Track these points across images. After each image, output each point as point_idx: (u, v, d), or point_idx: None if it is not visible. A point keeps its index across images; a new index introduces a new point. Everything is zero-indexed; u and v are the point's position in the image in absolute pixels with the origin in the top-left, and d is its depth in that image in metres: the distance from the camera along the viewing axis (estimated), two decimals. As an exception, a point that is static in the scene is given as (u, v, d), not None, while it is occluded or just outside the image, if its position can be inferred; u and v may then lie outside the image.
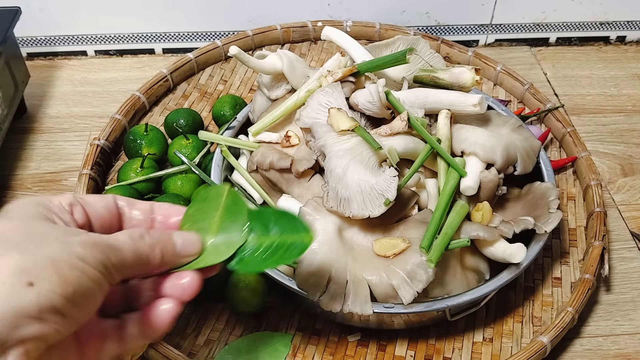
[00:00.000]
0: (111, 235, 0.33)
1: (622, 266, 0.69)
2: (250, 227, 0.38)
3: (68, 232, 0.32)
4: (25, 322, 0.27)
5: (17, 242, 0.29)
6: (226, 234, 0.38)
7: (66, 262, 0.29)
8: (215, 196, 0.39)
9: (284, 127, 0.66)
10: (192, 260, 0.37)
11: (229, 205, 0.39)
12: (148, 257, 0.34)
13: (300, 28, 0.92)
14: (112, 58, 0.95)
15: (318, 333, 0.61)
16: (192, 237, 0.37)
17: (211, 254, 0.37)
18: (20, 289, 0.27)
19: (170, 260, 0.36)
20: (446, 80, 0.63)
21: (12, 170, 0.77)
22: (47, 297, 0.28)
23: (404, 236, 0.56)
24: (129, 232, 0.34)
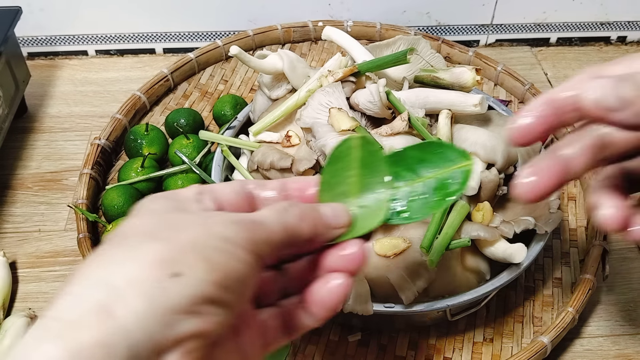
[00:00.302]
0: (253, 212, 0.30)
1: (623, 266, 0.69)
2: (394, 176, 0.34)
3: (205, 215, 0.29)
4: (178, 318, 0.24)
5: (153, 233, 0.26)
6: (371, 193, 0.34)
7: (210, 245, 0.26)
8: (346, 153, 0.34)
9: (285, 127, 0.66)
10: (344, 231, 0.33)
11: (363, 159, 0.34)
12: (296, 230, 0.30)
13: (300, 28, 0.92)
14: (112, 58, 0.95)
15: (318, 333, 0.61)
16: (339, 207, 0.33)
17: (363, 219, 0.33)
18: (165, 282, 0.24)
19: (321, 233, 0.32)
20: (447, 80, 0.64)
21: (13, 169, 0.77)
22: (197, 286, 0.25)
23: (405, 236, 0.56)
24: (272, 206, 0.31)
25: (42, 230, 0.70)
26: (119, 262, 0.25)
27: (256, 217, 0.29)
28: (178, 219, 0.28)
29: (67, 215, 0.71)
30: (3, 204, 0.73)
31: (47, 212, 0.72)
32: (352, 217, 0.33)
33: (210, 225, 0.27)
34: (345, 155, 0.34)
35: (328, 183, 0.34)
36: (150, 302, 0.24)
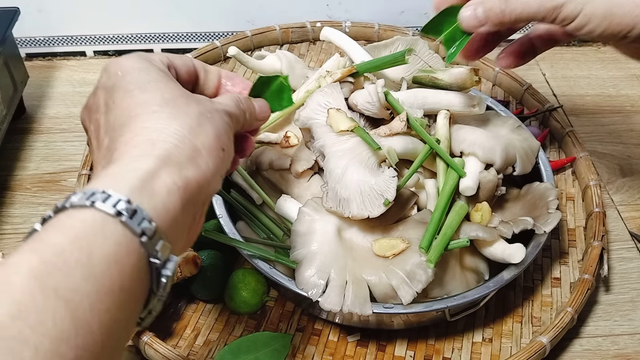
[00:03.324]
0: (220, 100, 0.41)
1: (621, 266, 0.69)
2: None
3: (197, 97, 0.39)
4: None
5: (176, 107, 0.37)
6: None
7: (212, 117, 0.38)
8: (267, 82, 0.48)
9: (283, 127, 0.66)
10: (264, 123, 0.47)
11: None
12: (242, 119, 0.42)
13: (299, 29, 0.92)
14: (111, 58, 0.95)
15: (318, 333, 0.61)
16: (265, 104, 0.46)
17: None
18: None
19: (251, 123, 0.44)
20: (445, 81, 0.64)
21: (11, 170, 0.76)
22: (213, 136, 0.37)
23: (404, 236, 0.56)
24: (230, 98, 0.42)
25: (41, 231, 0.70)
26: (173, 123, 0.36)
27: (226, 106, 0.41)
28: (185, 100, 0.38)
29: (66, 216, 0.71)
30: (2, 205, 0.73)
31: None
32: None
33: (205, 105, 0.39)
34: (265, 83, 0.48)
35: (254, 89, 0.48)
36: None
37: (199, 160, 0.35)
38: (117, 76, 0.38)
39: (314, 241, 0.55)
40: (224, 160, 0.38)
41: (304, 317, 0.62)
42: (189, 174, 0.34)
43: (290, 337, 0.59)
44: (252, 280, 0.61)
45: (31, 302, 0.25)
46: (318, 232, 0.55)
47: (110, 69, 0.39)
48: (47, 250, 0.27)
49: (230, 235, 0.58)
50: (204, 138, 0.36)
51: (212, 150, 0.36)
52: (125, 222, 0.30)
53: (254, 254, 0.57)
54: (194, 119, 0.36)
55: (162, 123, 0.35)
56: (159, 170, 0.33)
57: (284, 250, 0.58)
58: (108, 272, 0.28)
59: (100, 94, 0.39)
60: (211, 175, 0.36)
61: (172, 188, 0.33)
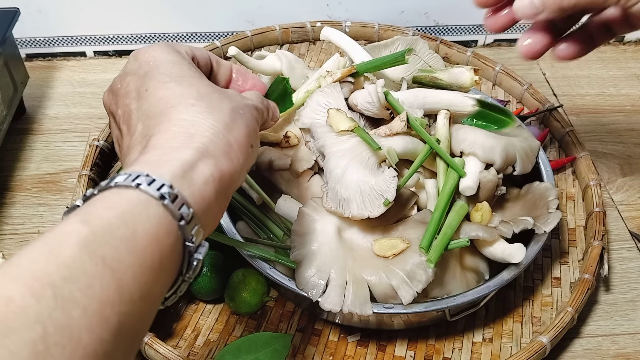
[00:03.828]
0: (248, 96, 0.44)
1: (622, 266, 0.69)
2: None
3: (227, 92, 0.42)
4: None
5: (211, 102, 0.39)
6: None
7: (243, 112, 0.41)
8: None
9: (283, 127, 0.66)
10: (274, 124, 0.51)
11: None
12: (265, 116, 0.46)
13: (299, 29, 0.92)
14: (111, 59, 0.95)
15: (318, 333, 0.61)
16: (276, 105, 0.49)
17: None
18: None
19: (268, 121, 0.47)
20: (445, 81, 0.64)
21: (11, 171, 0.76)
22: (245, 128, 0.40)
23: (404, 236, 0.56)
24: (255, 94, 0.46)
25: (41, 231, 0.70)
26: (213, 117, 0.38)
27: (254, 102, 0.44)
28: (218, 95, 0.40)
29: (66, 216, 0.71)
30: (2, 205, 0.73)
31: (46, 214, 0.72)
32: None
33: (237, 101, 0.41)
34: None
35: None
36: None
37: (232, 154, 0.38)
38: (149, 65, 0.40)
39: (314, 241, 0.55)
40: (251, 155, 0.40)
41: (304, 317, 0.62)
42: (224, 167, 0.37)
43: (291, 337, 0.59)
44: (252, 280, 0.61)
45: (82, 267, 0.27)
46: (318, 232, 0.55)
47: (141, 57, 0.41)
48: (96, 222, 0.29)
49: (230, 235, 0.58)
50: (237, 134, 0.39)
51: (242, 146, 0.39)
52: (167, 205, 0.32)
53: (254, 254, 0.57)
54: (227, 115, 0.39)
55: (199, 117, 0.37)
56: (197, 161, 0.35)
57: (284, 250, 0.58)
58: (149, 249, 0.30)
59: (130, 80, 0.40)
60: (241, 170, 0.39)
61: (209, 179, 0.35)
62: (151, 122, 0.38)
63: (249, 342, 0.58)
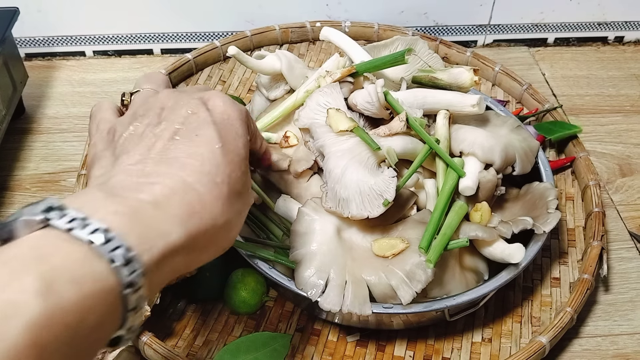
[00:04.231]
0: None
1: (621, 266, 0.69)
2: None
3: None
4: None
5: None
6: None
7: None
8: None
9: (283, 127, 0.66)
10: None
11: None
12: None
13: (298, 28, 0.92)
14: (110, 58, 0.95)
15: (317, 333, 0.61)
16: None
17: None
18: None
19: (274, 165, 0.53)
20: (445, 81, 0.64)
21: (11, 170, 0.76)
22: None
23: (403, 236, 0.56)
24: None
25: (40, 231, 0.70)
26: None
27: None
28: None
29: (65, 216, 0.71)
30: (1, 205, 0.73)
31: (45, 214, 0.72)
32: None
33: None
34: None
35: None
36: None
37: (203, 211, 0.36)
38: (220, 116, 0.40)
39: (314, 241, 0.55)
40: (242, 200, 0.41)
41: (303, 317, 0.62)
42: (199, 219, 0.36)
43: (290, 337, 0.59)
44: (252, 280, 0.60)
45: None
46: (317, 232, 0.55)
47: (218, 103, 0.40)
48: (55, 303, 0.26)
49: (229, 235, 0.58)
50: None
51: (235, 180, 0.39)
52: (118, 268, 0.29)
53: (253, 254, 0.57)
54: (232, 213, 0.38)
55: (201, 187, 0.36)
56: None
57: (283, 250, 0.58)
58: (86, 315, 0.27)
59: (193, 105, 0.40)
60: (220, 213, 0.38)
61: (171, 245, 0.33)
62: (160, 168, 0.36)
63: (248, 342, 0.58)
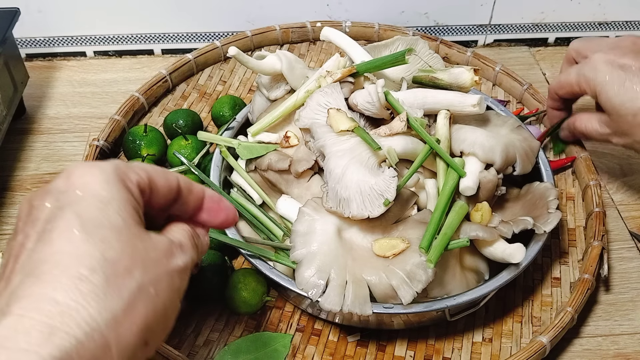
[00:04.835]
0: (177, 244, 0.35)
1: (621, 266, 0.69)
2: None
3: (150, 262, 0.32)
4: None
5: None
6: None
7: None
8: None
9: (283, 127, 0.66)
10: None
11: None
12: (197, 257, 0.37)
13: (299, 29, 0.92)
14: (111, 59, 0.95)
15: (317, 333, 0.61)
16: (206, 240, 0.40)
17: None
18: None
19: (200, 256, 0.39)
20: (445, 81, 0.64)
21: (11, 171, 0.76)
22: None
23: (404, 236, 0.56)
24: (183, 235, 0.36)
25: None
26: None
27: (179, 262, 0.34)
28: (129, 263, 0.31)
29: (66, 216, 0.71)
30: (2, 205, 0.73)
31: (45, 214, 0.72)
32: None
33: (155, 270, 0.32)
34: None
35: None
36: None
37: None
38: (74, 195, 0.31)
39: (314, 241, 0.55)
40: (139, 355, 0.30)
41: (304, 317, 0.62)
42: None
43: (290, 337, 0.59)
44: (252, 280, 0.61)
45: None
46: (318, 232, 0.55)
47: (73, 179, 0.32)
48: None
49: (230, 235, 0.58)
50: (129, 329, 0.29)
51: (127, 348, 0.29)
52: None
53: (254, 254, 0.57)
54: (126, 298, 0.29)
55: (78, 302, 0.28)
56: None
57: (283, 251, 0.58)
58: None
59: (48, 200, 0.31)
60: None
61: None
62: (26, 283, 0.28)
63: (248, 342, 0.58)
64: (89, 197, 0.31)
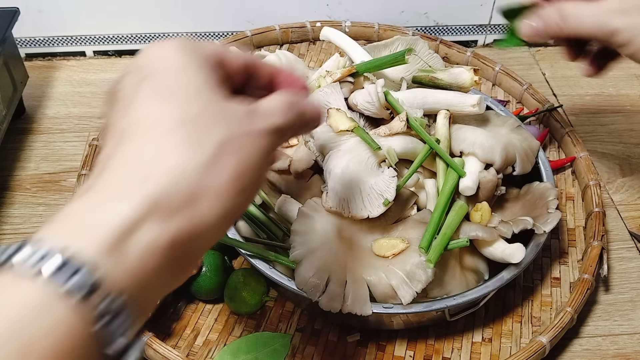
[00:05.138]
0: (265, 110, 0.33)
1: (621, 266, 0.69)
2: None
3: (233, 119, 0.31)
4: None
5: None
6: None
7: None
8: None
9: (283, 127, 0.66)
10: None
11: None
12: (290, 131, 0.34)
13: (299, 28, 0.92)
14: (110, 59, 0.95)
15: (317, 333, 0.61)
16: (319, 108, 0.37)
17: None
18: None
19: (300, 131, 0.36)
20: (445, 81, 0.64)
21: (11, 171, 0.76)
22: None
23: (403, 236, 0.56)
24: (278, 103, 0.34)
25: (41, 231, 0.70)
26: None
27: (268, 121, 0.33)
28: (211, 119, 0.31)
29: (66, 216, 0.71)
30: (1, 205, 0.73)
31: (45, 214, 0.72)
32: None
33: (238, 128, 0.31)
34: None
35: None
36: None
37: (201, 205, 0.28)
38: (149, 68, 0.32)
39: (314, 241, 0.55)
40: (239, 204, 0.30)
41: (303, 317, 0.62)
42: (182, 226, 0.27)
43: (290, 337, 0.59)
44: (252, 280, 0.60)
45: None
46: (318, 232, 0.55)
47: (149, 55, 0.32)
48: None
49: (230, 235, 0.58)
50: (219, 176, 0.29)
51: (224, 192, 0.29)
52: (81, 305, 0.24)
53: (253, 254, 0.57)
54: (212, 148, 0.29)
55: (171, 152, 0.28)
56: (141, 221, 0.26)
57: (283, 250, 0.58)
58: None
59: (127, 82, 0.32)
60: (214, 223, 0.29)
61: (154, 247, 0.27)
62: (118, 147, 0.29)
63: (248, 342, 0.58)
64: (165, 66, 0.31)
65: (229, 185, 0.29)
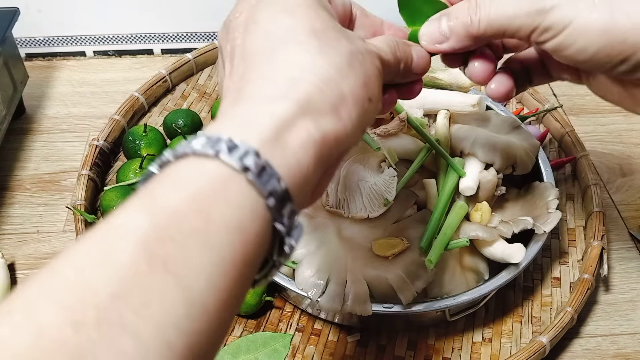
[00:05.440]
0: (374, 42, 0.35)
1: (621, 266, 0.69)
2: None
3: (351, 37, 0.33)
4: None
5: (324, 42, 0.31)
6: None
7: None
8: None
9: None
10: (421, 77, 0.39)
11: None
12: (394, 69, 0.36)
13: (299, 28, 0.91)
14: (110, 59, 0.95)
15: (317, 333, 0.61)
16: (425, 55, 0.38)
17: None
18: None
19: (404, 75, 0.38)
20: (445, 81, 0.64)
21: (11, 171, 0.76)
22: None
23: (403, 236, 0.56)
24: (384, 41, 0.36)
25: (41, 231, 0.70)
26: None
27: (378, 46, 0.35)
28: (336, 34, 0.32)
29: (66, 216, 0.71)
30: (1, 205, 0.73)
31: (45, 214, 0.72)
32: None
33: (357, 44, 0.33)
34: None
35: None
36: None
37: (342, 109, 0.30)
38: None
39: (314, 241, 0.55)
40: (368, 112, 0.32)
41: (303, 317, 0.62)
42: (328, 126, 0.29)
43: (290, 337, 0.59)
44: (252, 280, 0.60)
45: (136, 277, 0.21)
46: (318, 232, 0.55)
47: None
48: (160, 210, 0.23)
49: (230, 235, 0.58)
50: (352, 82, 0.31)
51: (358, 98, 0.31)
52: (253, 180, 0.25)
53: (253, 254, 0.57)
54: (344, 58, 0.31)
55: (309, 58, 0.30)
56: (295, 118, 0.28)
57: (283, 250, 0.58)
58: (229, 242, 0.24)
59: (242, 8, 0.34)
60: (352, 129, 0.30)
61: (308, 142, 0.28)
62: (252, 62, 0.31)
63: (248, 342, 0.58)
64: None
65: (361, 92, 0.31)
